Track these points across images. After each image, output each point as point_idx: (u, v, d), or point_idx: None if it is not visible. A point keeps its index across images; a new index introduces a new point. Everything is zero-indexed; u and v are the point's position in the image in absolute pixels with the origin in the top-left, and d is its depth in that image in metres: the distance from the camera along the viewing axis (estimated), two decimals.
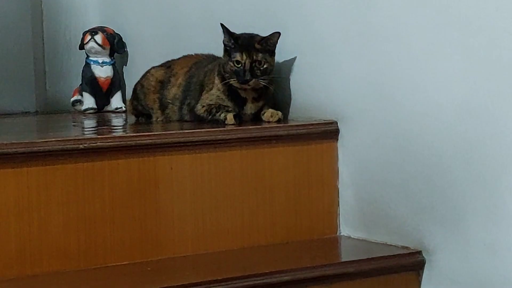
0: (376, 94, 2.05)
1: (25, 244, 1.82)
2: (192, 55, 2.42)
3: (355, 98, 2.10)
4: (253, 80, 2.15)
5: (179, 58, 2.44)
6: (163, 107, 2.37)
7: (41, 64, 3.03)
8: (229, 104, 2.20)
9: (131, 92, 2.50)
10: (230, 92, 2.20)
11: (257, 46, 2.17)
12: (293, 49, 2.24)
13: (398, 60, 2.00)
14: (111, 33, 2.90)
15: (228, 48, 2.19)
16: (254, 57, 2.16)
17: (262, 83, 2.16)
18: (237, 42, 2.18)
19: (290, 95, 2.25)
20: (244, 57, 2.15)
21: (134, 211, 1.93)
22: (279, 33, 2.17)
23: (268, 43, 2.17)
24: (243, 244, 2.04)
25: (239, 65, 2.15)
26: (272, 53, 2.19)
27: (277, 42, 2.18)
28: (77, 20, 3.05)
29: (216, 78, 2.22)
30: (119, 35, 2.92)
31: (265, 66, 2.16)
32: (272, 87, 2.20)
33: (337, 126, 2.14)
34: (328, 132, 2.14)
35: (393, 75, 2.01)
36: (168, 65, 2.43)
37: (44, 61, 3.02)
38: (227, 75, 2.18)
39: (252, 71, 2.15)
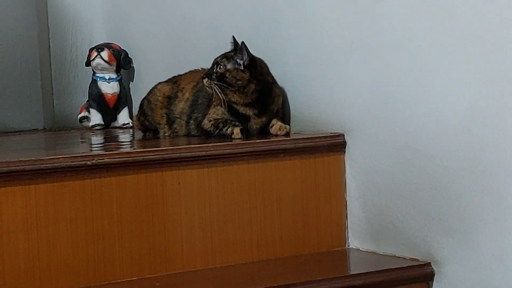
0: (382, 106, 2.05)
1: (34, 261, 1.82)
2: (198, 69, 2.43)
3: (361, 110, 2.10)
4: (206, 79, 2.19)
5: (185, 73, 2.45)
6: (170, 122, 2.38)
7: (49, 81, 3.04)
8: (233, 119, 2.21)
9: (138, 108, 2.51)
10: (231, 108, 2.20)
11: (229, 54, 2.20)
12: (298, 61, 2.24)
13: (403, 71, 2.00)
14: (117, 49, 2.91)
15: None
16: (218, 59, 2.20)
17: (213, 86, 2.18)
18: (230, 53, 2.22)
19: (296, 108, 2.26)
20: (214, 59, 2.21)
21: (142, 227, 1.93)
22: (243, 43, 2.18)
23: (238, 54, 2.19)
24: (251, 258, 2.04)
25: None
26: (242, 66, 2.18)
27: (245, 54, 2.17)
28: (83, 37, 3.07)
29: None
30: (125, 51, 2.93)
31: (220, 70, 2.18)
32: (275, 106, 2.20)
33: (344, 139, 2.14)
34: (335, 145, 2.14)
35: (398, 86, 2.01)
36: (174, 80, 2.44)
37: (51, 78, 3.04)
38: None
39: (209, 71, 2.20)
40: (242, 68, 2.18)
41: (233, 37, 2.23)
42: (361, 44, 2.09)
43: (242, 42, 2.19)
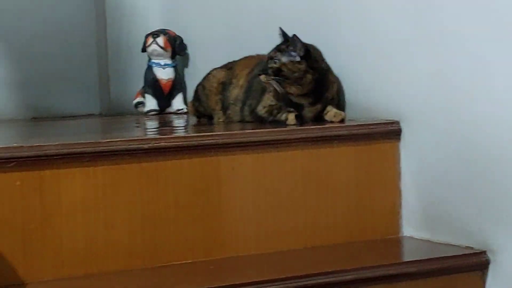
0: (439, 95, 2.04)
1: (91, 243, 1.85)
2: (253, 56, 2.43)
3: (418, 98, 2.10)
4: (263, 75, 2.17)
5: (240, 59, 2.45)
6: (224, 108, 2.39)
7: (105, 67, 3.08)
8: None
9: (193, 94, 2.53)
10: (286, 99, 2.20)
11: (282, 47, 2.18)
12: (355, 49, 2.24)
13: (463, 61, 1.98)
14: (172, 36, 2.93)
15: None
16: (272, 53, 2.18)
17: (270, 81, 2.16)
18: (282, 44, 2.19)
19: (352, 95, 2.25)
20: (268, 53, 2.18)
21: (197, 211, 1.95)
22: (295, 35, 2.15)
23: (291, 46, 2.16)
24: (305, 244, 2.05)
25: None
26: (298, 57, 2.16)
27: (299, 46, 2.16)
28: (139, 24, 3.09)
29: None
30: (181, 37, 2.95)
31: (275, 65, 2.16)
32: (330, 94, 2.19)
33: (400, 126, 2.14)
34: (390, 132, 2.13)
35: (457, 76, 2.00)
36: (229, 67, 2.45)
37: (107, 65, 3.07)
38: None
39: (265, 67, 2.18)
40: (298, 59, 2.17)
41: (281, 29, 2.21)
42: (420, 33, 2.08)
43: (294, 35, 2.16)
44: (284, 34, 2.21)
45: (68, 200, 1.83)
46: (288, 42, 2.19)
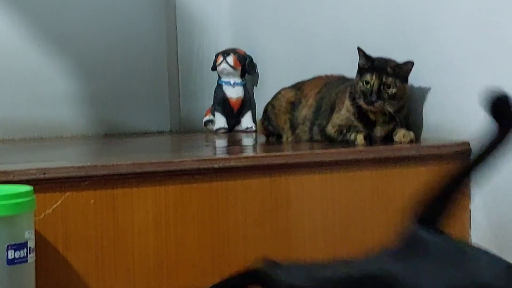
0: None
1: (162, 260, 1.88)
2: (322, 76, 2.45)
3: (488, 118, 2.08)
4: (379, 102, 2.16)
5: (309, 80, 2.47)
6: (293, 127, 2.40)
7: (176, 84, 3.12)
8: (358, 125, 2.22)
9: (262, 112, 2.55)
10: (360, 114, 2.21)
11: (389, 70, 2.17)
12: (425, 70, 2.24)
13: None
14: (242, 55, 2.96)
15: (362, 69, 2.20)
16: (384, 79, 2.16)
17: (388, 108, 2.16)
18: (372, 63, 2.19)
19: (422, 116, 2.25)
20: (374, 77, 2.16)
21: (266, 230, 1.96)
22: (412, 63, 2.17)
23: (401, 70, 2.18)
24: None
25: (368, 85, 2.17)
26: (404, 80, 2.18)
27: (410, 70, 2.18)
28: (209, 41, 3.13)
29: (347, 99, 2.24)
30: (250, 56, 2.98)
31: (393, 90, 2.16)
32: (402, 114, 2.20)
33: (469, 147, 2.13)
34: (460, 153, 2.12)
35: None
36: (298, 87, 2.47)
37: (178, 82, 3.11)
38: (356, 95, 2.20)
39: (379, 93, 2.16)
40: (406, 84, 2.18)
41: (359, 49, 2.21)
42: (489, 54, 2.07)
43: (410, 62, 2.16)
44: (365, 54, 2.20)
45: (140, 218, 1.86)
46: (387, 63, 2.17)
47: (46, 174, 1.79)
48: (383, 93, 2.16)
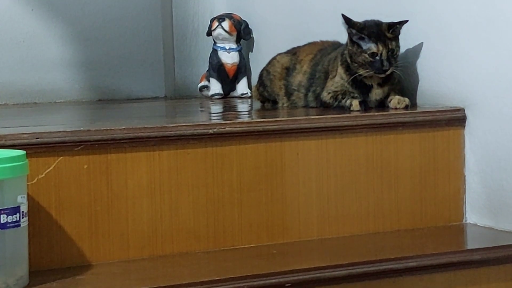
0: (505, 81, 2.02)
1: (156, 225, 1.88)
2: (317, 42, 2.44)
3: (483, 85, 2.08)
4: (391, 68, 2.16)
5: (304, 45, 2.46)
6: (288, 93, 2.40)
7: (170, 50, 3.11)
8: (353, 91, 2.21)
9: (257, 78, 2.54)
10: (355, 81, 2.20)
11: (388, 35, 2.16)
12: (420, 36, 2.23)
13: None
14: (237, 20, 2.95)
15: (354, 38, 2.18)
16: (390, 46, 2.15)
17: (396, 71, 2.17)
18: (363, 31, 2.17)
19: (416, 82, 2.24)
20: (380, 48, 2.15)
21: (261, 195, 1.96)
22: (407, 21, 2.16)
23: (397, 30, 2.17)
24: (367, 230, 2.05)
25: (376, 57, 2.15)
26: (398, 38, 2.19)
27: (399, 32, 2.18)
28: (205, 7, 3.11)
29: (340, 67, 2.23)
30: (246, 21, 2.96)
31: (397, 53, 2.17)
32: (398, 72, 2.20)
33: (464, 113, 2.12)
34: (455, 119, 2.12)
35: None
36: (293, 52, 2.46)
37: (173, 48, 3.10)
38: (355, 64, 2.17)
39: (389, 60, 2.15)
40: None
41: (344, 16, 2.19)
42: (485, 19, 2.06)
43: (405, 21, 2.16)
44: (348, 19, 2.19)
45: (134, 183, 1.86)
46: (382, 26, 2.17)
47: (39, 138, 1.79)
48: (391, 59, 2.16)
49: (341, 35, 2.30)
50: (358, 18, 2.20)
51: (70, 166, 1.81)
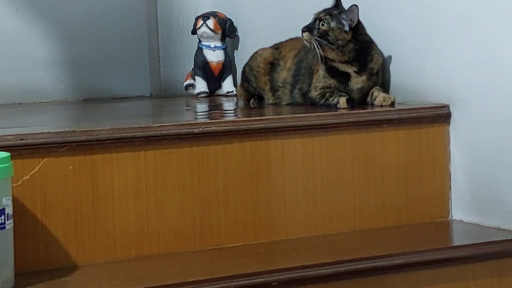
0: (490, 77, 2.03)
1: (143, 226, 1.88)
2: (300, 37, 2.43)
3: (468, 81, 2.08)
4: (307, 33, 2.19)
5: (286, 40, 2.46)
6: (273, 89, 2.40)
7: (155, 49, 3.10)
8: (332, 82, 2.21)
9: (241, 75, 2.54)
10: (331, 69, 2.21)
11: (333, 11, 2.20)
12: (404, 31, 2.23)
13: None
14: (222, 18, 2.94)
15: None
16: (322, 15, 2.19)
17: (313, 41, 2.18)
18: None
19: (401, 78, 2.25)
20: (320, 15, 2.21)
21: (247, 194, 1.96)
22: (356, 6, 2.17)
23: (343, 14, 2.18)
24: (354, 227, 2.06)
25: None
26: (347, 27, 2.18)
27: (355, 17, 2.18)
28: (189, 5, 3.11)
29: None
30: (231, 19, 2.96)
31: (323, 27, 2.18)
32: (372, 70, 2.20)
33: (449, 110, 2.13)
34: (440, 116, 2.13)
35: (508, 58, 1.98)
36: (275, 47, 2.46)
37: (158, 46, 3.09)
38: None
39: (310, 25, 2.20)
40: (346, 29, 2.18)
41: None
42: (471, 14, 2.06)
43: (355, 5, 2.17)
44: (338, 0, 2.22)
45: (119, 183, 1.85)
46: (338, 8, 2.20)
47: (23, 140, 1.78)
48: (313, 27, 2.19)
49: None
50: None
51: (55, 167, 1.80)
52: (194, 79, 2.95)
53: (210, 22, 2.92)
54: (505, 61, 1.99)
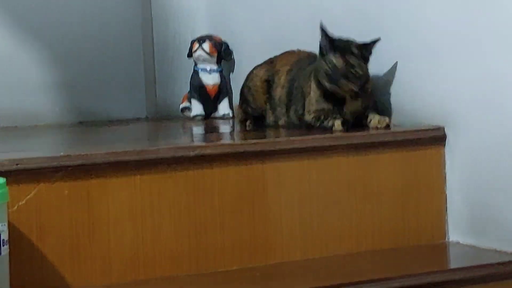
0: (485, 100, 2.03)
1: (138, 250, 1.87)
2: (294, 51, 2.43)
3: (463, 104, 2.09)
4: (344, 81, 2.15)
5: (281, 54, 2.46)
6: (273, 108, 2.40)
7: (151, 71, 3.10)
8: (325, 105, 2.21)
9: (239, 97, 2.54)
10: (326, 94, 2.21)
11: (354, 50, 2.17)
12: (397, 54, 2.23)
13: (509, 65, 1.97)
14: (218, 41, 2.95)
15: (324, 50, 2.20)
16: (351, 62, 2.16)
17: (353, 88, 2.16)
18: (333, 44, 2.18)
19: (396, 100, 2.25)
20: (341, 62, 2.16)
21: (243, 217, 1.96)
22: (378, 39, 2.17)
23: (368, 50, 2.18)
24: (350, 250, 2.05)
25: (336, 70, 2.16)
26: (366, 60, 2.19)
27: (371, 52, 2.19)
28: (185, 28, 3.11)
29: (312, 81, 2.24)
30: (226, 43, 2.96)
31: (360, 72, 2.16)
32: (368, 92, 2.20)
33: (444, 132, 2.13)
34: (435, 138, 2.13)
35: (504, 80, 1.99)
36: (269, 62, 2.46)
37: (154, 68, 3.09)
38: (319, 75, 2.19)
39: (347, 76, 2.16)
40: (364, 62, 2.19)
41: (321, 27, 2.20)
42: (466, 37, 2.07)
43: (377, 40, 2.17)
44: (325, 32, 2.20)
45: (115, 207, 1.85)
46: (351, 42, 2.18)
47: (19, 165, 1.78)
48: (348, 74, 2.15)
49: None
50: (335, 31, 2.20)
51: (51, 192, 1.80)
52: (190, 102, 2.94)
53: (206, 45, 2.92)
54: (501, 84, 2.00)
